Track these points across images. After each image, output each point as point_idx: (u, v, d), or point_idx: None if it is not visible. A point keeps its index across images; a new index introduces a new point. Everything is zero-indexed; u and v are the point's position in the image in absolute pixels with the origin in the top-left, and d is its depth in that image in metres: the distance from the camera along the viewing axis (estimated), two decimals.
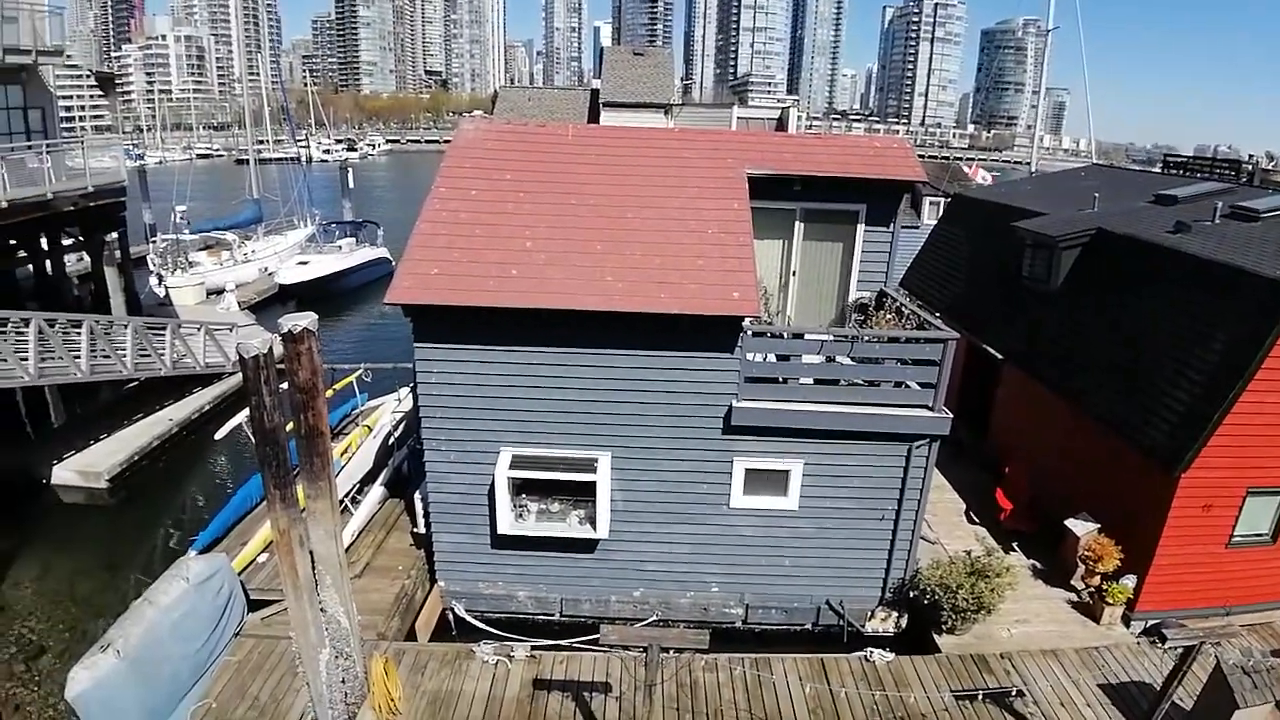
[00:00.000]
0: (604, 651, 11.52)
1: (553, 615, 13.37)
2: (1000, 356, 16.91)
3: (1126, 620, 13.05)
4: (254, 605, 12.28)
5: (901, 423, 11.79)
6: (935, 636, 12.53)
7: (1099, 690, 11.47)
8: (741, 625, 13.36)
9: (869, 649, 12.07)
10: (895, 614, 13.19)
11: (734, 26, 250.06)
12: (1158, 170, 25.46)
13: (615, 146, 13.44)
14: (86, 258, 23.99)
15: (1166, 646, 12.26)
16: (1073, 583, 13.74)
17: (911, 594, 12.79)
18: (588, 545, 12.74)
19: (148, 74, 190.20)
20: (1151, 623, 12.93)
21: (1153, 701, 10.07)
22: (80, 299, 24.10)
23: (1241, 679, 9.81)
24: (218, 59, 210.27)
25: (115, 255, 23.40)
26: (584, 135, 13.98)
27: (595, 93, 39.30)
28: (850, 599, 13.13)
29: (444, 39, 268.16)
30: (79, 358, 17.22)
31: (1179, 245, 13.74)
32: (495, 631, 12.57)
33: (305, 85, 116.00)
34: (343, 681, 9.77)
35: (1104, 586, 12.86)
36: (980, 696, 11.16)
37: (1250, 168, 22.71)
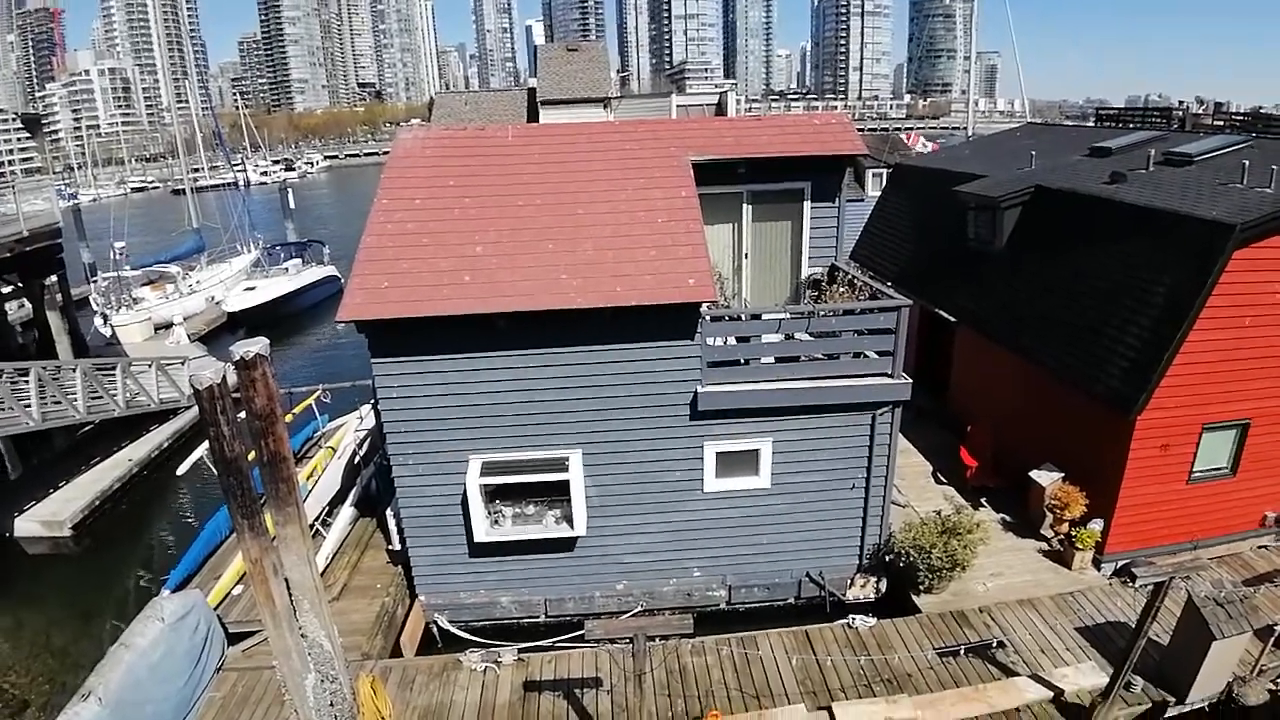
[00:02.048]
0: (591, 647, 11.56)
1: (538, 617, 13.36)
2: (953, 319, 17.20)
3: (1097, 563, 13.38)
4: (234, 638, 12.11)
5: (863, 392, 11.96)
6: (914, 597, 12.78)
7: (1076, 634, 11.78)
8: (725, 606, 13.48)
9: (851, 616, 12.26)
10: (874, 579, 13.40)
11: (666, 15, 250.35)
12: (1091, 124, 25.93)
13: (558, 144, 13.42)
14: (27, 304, 23.35)
15: (1138, 585, 12.53)
16: (1042, 532, 14.08)
17: (888, 558, 13.01)
18: (567, 544, 12.74)
19: (74, 111, 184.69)
20: (1121, 563, 13.27)
21: (1129, 639, 10.33)
22: (25, 346, 23.44)
23: (1215, 610, 10.10)
24: (144, 89, 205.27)
25: (57, 298, 22.78)
26: (525, 135, 13.93)
27: (532, 92, 39.17)
28: (829, 569, 13.30)
29: (374, 50, 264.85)
30: (29, 406, 16.77)
31: (1116, 195, 14.08)
32: (480, 640, 12.53)
33: (237, 108, 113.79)
34: (331, 705, 9.68)
35: (1072, 533, 13.18)
36: (962, 651, 11.41)
37: (1181, 114, 23.26)
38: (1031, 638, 11.72)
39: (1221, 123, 22.81)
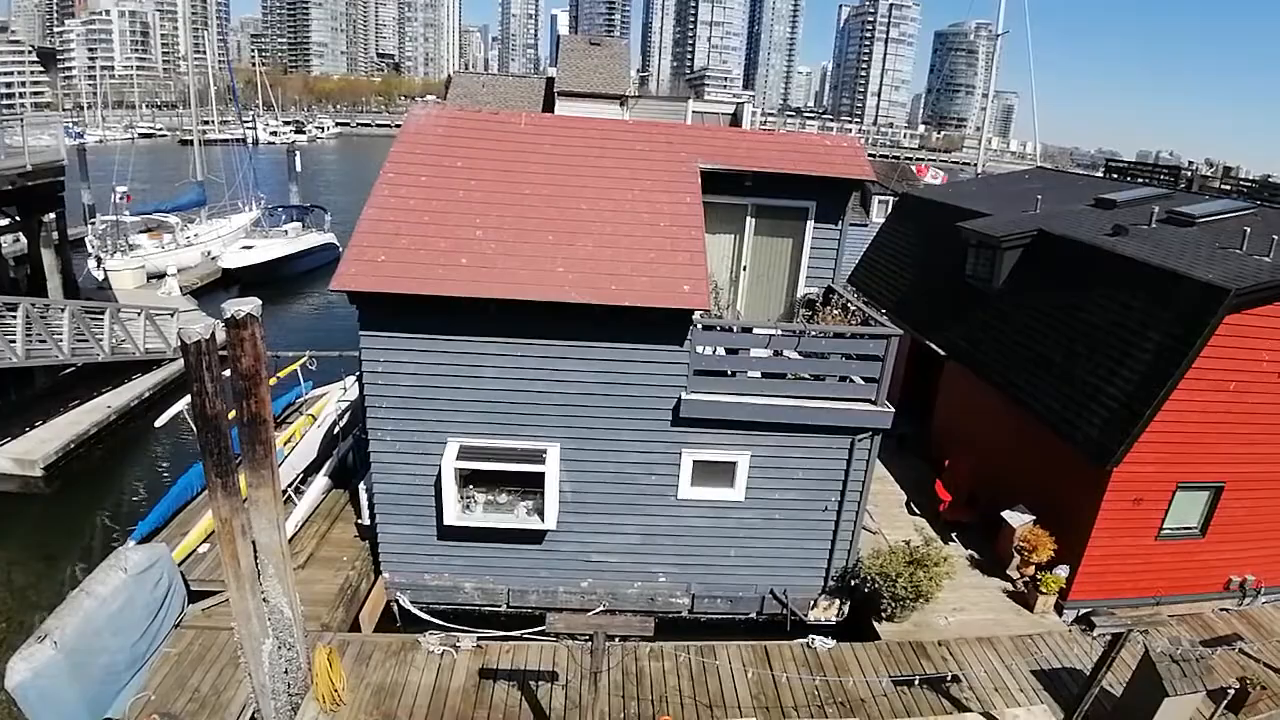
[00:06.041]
0: (551, 641, 11.56)
1: (499, 606, 13.36)
2: (943, 353, 17.29)
3: (1059, 609, 13.49)
4: (194, 596, 12.07)
5: (845, 416, 12.01)
6: (875, 624, 12.85)
7: (1031, 676, 11.87)
8: (687, 615, 13.50)
9: (811, 636, 12.33)
10: (837, 603, 13.46)
11: (692, 20, 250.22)
12: (1100, 174, 26.12)
13: (569, 137, 13.43)
14: (23, 238, 23.20)
15: (1096, 634, 12.73)
16: (1008, 572, 14.18)
17: (853, 583, 13.07)
18: (535, 536, 12.75)
19: (90, 50, 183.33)
20: (1083, 611, 13.38)
21: (1082, 687, 10.45)
22: (16, 281, 23.26)
23: (1170, 667, 10.21)
24: (162, 35, 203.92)
25: (53, 236, 22.63)
26: (538, 124, 13.94)
27: (550, 81, 39.04)
28: (794, 588, 13.35)
29: (398, 22, 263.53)
30: (14, 342, 16.65)
31: (1116, 247, 14.20)
32: (440, 623, 12.53)
33: (253, 65, 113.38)
34: (286, 672, 9.70)
35: (1038, 576, 13.29)
36: (917, 682, 11.48)
37: (1189, 174, 23.47)
38: (987, 675, 11.81)
39: (1229, 187, 23.03)
